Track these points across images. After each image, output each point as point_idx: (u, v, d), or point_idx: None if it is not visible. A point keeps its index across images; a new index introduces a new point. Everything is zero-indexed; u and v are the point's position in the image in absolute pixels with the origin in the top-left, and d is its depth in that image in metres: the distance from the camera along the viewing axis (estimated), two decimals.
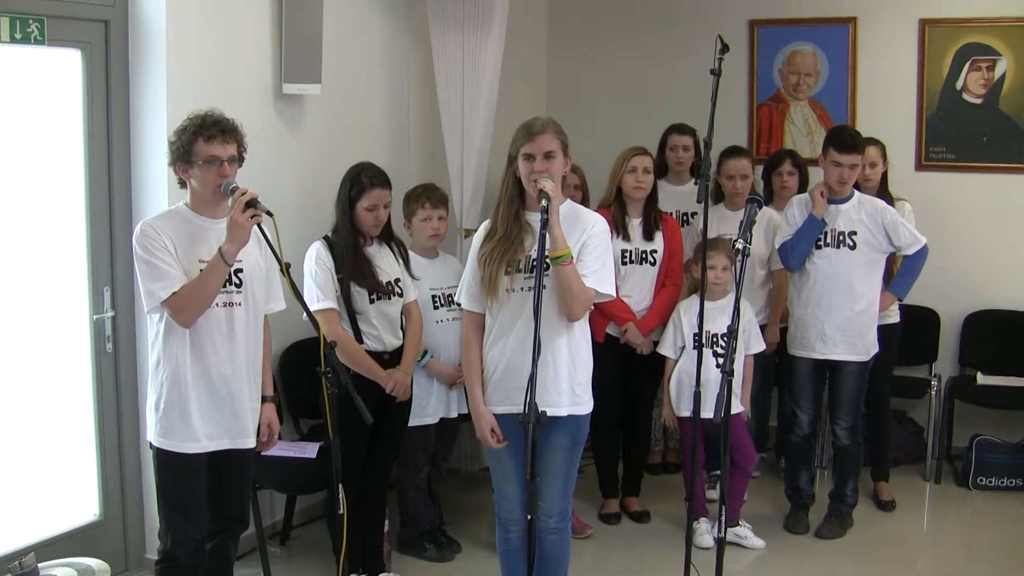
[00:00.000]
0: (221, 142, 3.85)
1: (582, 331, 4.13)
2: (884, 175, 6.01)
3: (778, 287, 6.08)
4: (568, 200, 4.14)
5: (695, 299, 5.42)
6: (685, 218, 6.32)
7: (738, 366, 5.30)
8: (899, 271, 5.68)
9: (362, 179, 4.82)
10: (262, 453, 4.33)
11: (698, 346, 4.67)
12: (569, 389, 4.05)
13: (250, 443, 4.08)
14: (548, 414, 3.84)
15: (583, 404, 4.11)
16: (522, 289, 3.98)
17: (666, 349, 5.61)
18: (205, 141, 3.83)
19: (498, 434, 4.07)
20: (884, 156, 5.98)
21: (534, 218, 3.98)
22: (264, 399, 4.20)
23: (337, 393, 3.81)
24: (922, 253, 5.51)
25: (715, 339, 5.35)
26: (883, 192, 5.90)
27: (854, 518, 5.76)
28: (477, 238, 4.16)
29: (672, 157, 6.39)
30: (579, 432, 4.14)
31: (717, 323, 5.25)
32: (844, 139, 5.40)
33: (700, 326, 4.65)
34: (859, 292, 5.43)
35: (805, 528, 5.71)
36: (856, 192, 5.49)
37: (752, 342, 5.56)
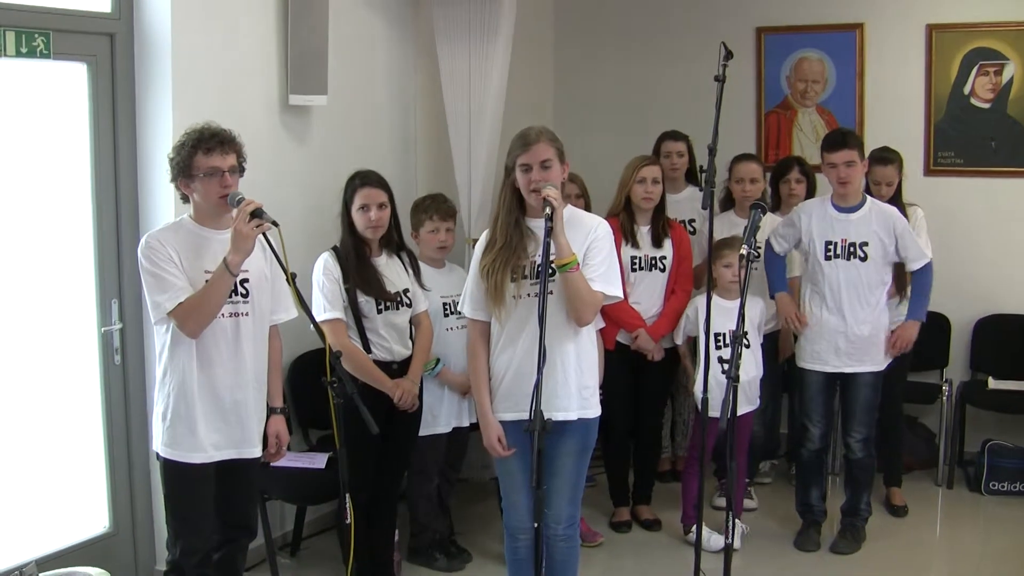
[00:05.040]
0: (220, 153, 3.87)
1: (589, 336, 4.13)
2: (898, 183, 5.92)
3: (792, 293, 6.02)
4: (568, 205, 4.11)
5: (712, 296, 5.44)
6: (683, 225, 6.27)
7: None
8: (912, 295, 5.51)
9: (354, 181, 4.85)
10: (271, 464, 4.34)
11: (706, 348, 4.66)
12: (578, 393, 4.04)
13: (256, 452, 4.09)
14: (558, 418, 3.87)
15: (592, 407, 4.10)
16: (529, 295, 3.97)
17: (677, 338, 5.65)
18: (204, 154, 3.85)
19: (504, 443, 4.06)
20: (900, 170, 5.89)
21: (535, 224, 3.98)
22: (272, 411, 4.21)
23: (344, 403, 3.80)
24: (928, 270, 5.40)
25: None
26: (896, 199, 5.83)
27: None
28: (477, 249, 4.16)
29: (667, 164, 6.30)
30: (588, 436, 4.12)
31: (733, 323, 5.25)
32: (831, 138, 5.36)
33: (708, 330, 4.64)
34: (871, 303, 5.34)
35: (816, 546, 5.55)
36: (868, 198, 5.39)
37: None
